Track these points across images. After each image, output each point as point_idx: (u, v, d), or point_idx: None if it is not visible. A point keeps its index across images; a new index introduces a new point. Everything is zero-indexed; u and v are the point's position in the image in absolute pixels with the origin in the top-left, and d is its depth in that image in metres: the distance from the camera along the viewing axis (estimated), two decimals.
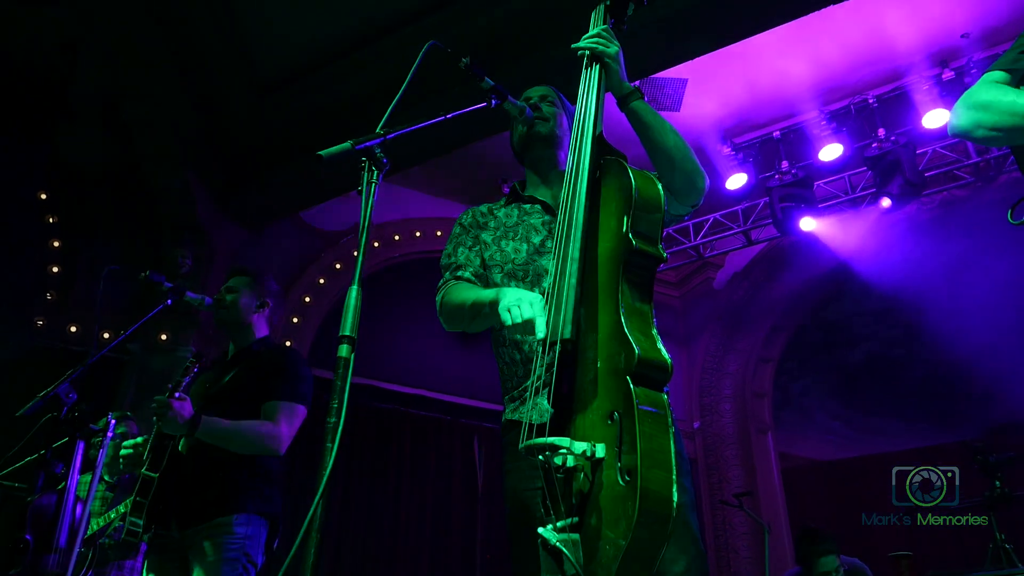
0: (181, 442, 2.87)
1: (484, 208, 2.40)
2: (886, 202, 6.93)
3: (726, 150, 7.58)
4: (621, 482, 1.47)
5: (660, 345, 1.57)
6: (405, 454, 8.08)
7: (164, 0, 5.86)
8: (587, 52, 2.09)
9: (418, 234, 8.62)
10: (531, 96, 2.43)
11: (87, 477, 3.79)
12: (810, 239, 8.00)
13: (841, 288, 9.26)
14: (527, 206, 2.31)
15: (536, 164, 2.39)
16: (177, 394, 2.78)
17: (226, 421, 2.84)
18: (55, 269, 6.58)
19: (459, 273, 2.25)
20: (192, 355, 3.06)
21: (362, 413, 7.80)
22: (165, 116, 6.43)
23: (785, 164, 7.29)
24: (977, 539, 4.99)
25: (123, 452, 2.89)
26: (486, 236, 2.30)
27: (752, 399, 9.31)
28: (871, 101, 6.90)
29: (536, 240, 2.21)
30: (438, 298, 2.24)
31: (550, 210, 2.25)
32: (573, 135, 1.97)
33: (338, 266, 8.13)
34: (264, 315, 3.31)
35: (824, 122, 7.05)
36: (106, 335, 5.79)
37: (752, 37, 5.53)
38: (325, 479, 1.58)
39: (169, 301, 3.21)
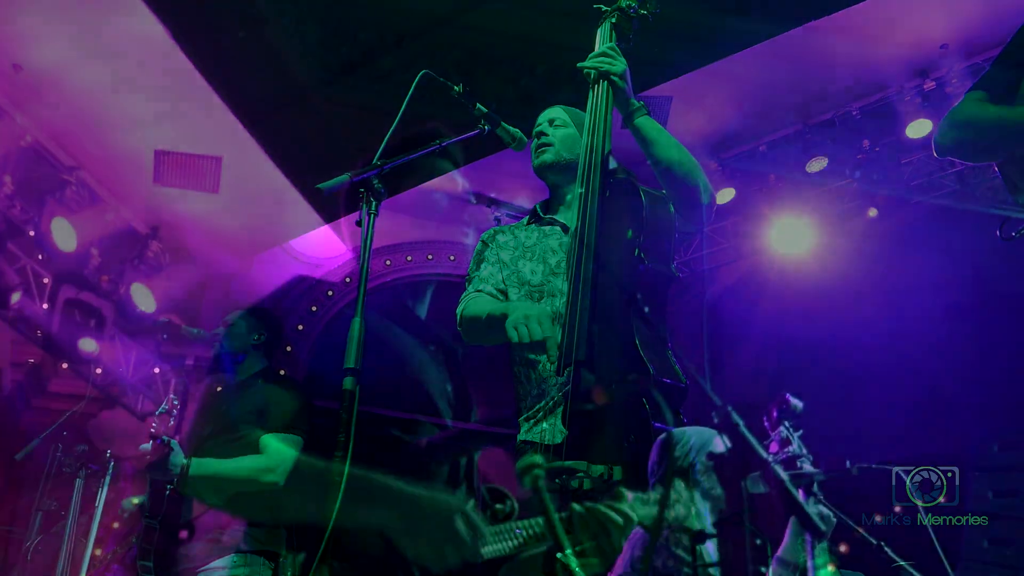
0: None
1: (506, 228, 2.43)
2: (872, 212, 6.98)
3: (713, 165, 7.62)
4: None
5: (675, 365, 1.56)
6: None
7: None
8: (593, 71, 2.11)
9: (409, 259, 8.59)
10: (540, 122, 2.44)
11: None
12: (800, 251, 8.00)
13: (833, 300, 9.27)
14: (546, 227, 2.33)
15: (552, 187, 2.43)
16: (159, 441, 2.67)
17: (218, 461, 2.79)
18: (45, 306, 6.49)
19: (480, 287, 2.27)
20: (170, 398, 2.91)
21: (356, 439, 7.74)
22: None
23: (772, 178, 7.33)
24: (976, 540, 4.93)
25: (125, 507, 2.86)
26: (505, 255, 2.32)
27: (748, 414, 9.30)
28: (855, 113, 6.97)
29: (552, 261, 2.21)
30: (458, 310, 2.26)
31: (568, 231, 2.26)
32: (582, 155, 1.97)
33: (330, 293, 8.08)
34: (261, 348, 3.29)
35: (809, 135, 7.11)
36: (99, 371, 5.72)
37: (736, 53, 5.58)
38: (336, 508, 1.56)
39: (165, 335, 3.18)
